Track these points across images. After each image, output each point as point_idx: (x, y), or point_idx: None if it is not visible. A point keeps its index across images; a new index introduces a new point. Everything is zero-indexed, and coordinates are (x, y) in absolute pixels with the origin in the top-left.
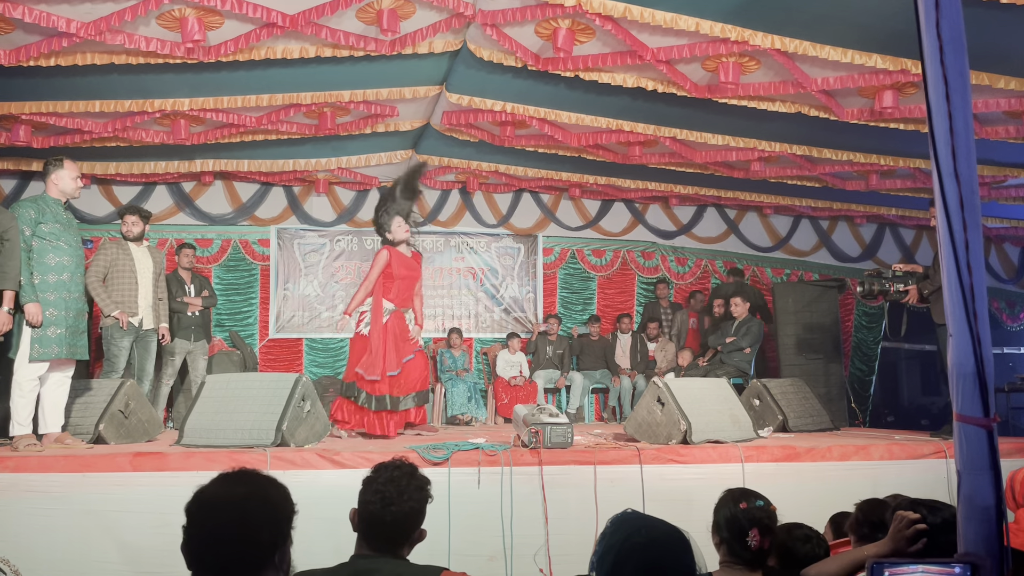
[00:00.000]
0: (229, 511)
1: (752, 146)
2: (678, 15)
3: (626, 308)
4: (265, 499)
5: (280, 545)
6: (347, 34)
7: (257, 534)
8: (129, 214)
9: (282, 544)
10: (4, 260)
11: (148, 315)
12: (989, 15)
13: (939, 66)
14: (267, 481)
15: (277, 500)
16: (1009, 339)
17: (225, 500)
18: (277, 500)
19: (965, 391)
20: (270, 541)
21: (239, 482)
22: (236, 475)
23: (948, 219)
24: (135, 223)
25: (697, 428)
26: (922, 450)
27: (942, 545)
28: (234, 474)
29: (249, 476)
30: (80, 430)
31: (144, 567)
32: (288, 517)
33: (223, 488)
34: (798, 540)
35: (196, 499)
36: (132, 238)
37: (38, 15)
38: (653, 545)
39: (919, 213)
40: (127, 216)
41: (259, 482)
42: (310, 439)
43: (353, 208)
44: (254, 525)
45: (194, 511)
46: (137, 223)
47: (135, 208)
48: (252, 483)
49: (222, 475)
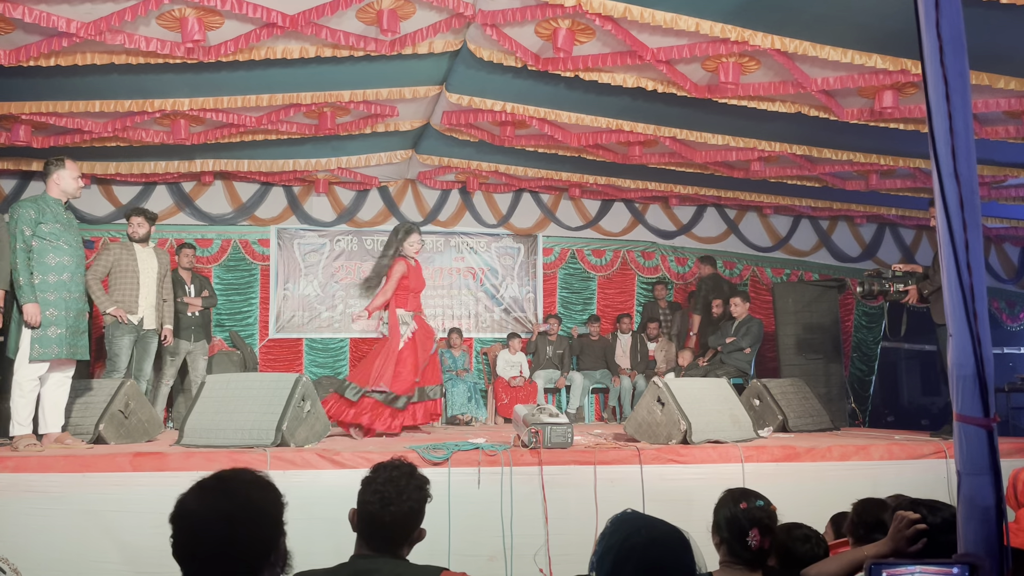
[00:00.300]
0: (216, 530)
1: (752, 146)
2: (678, 15)
3: (626, 308)
4: (252, 512)
5: (274, 547)
6: (347, 34)
7: (249, 549)
8: (135, 215)
9: (275, 545)
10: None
11: (150, 315)
12: (989, 15)
13: (939, 66)
14: (250, 486)
15: (264, 507)
16: (1009, 339)
17: (210, 518)
18: (264, 507)
19: (965, 391)
20: (263, 551)
21: (222, 496)
22: (217, 487)
23: (948, 219)
24: (140, 224)
25: (697, 428)
26: (922, 450)
27: (942, 545)
28: (214, 486)
29: (230, 488)
30: (80, 430)
31: (143, 567)
32: (278, 518)
33: (206, 505)
34: (797, 540)
35: (180, 515)
36: (138, 239)
37: (38, 15)
38: (653, 545)
39: (919, 213)
40: (133, 217)
41: (243, 494)
42: (310, 439)
43: (353, 208)
44: (245, 542)
45: (179, 529)
46: (143, 224)
47: (140, 210)
48: (235, 496)
49: (201, 487)
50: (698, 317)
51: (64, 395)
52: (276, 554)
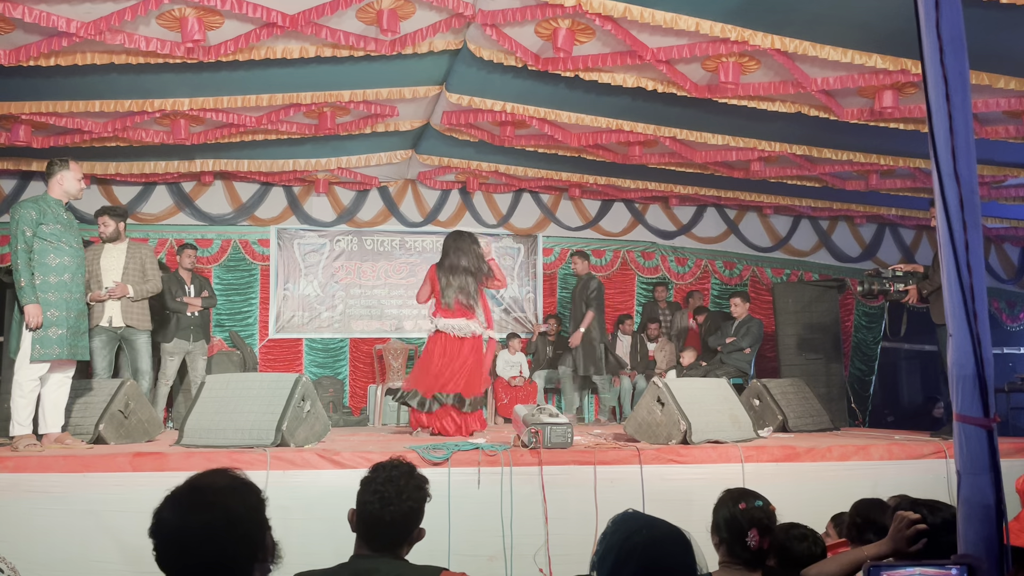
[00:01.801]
0: (200, 543)
1: (752, 146)
2: (678, 15)
3: (626, 308)
4: (233, 519)
5: (261, 547)
6: (347, 34)
7: (237, 555)
8: (99, 215)
9: (262, 545)
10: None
11: (117, 314)
12: (989, 15)
13: (939, 66)
14: (226, 494)
15: (244, 512)
16: (1009, 339)
17: (191, 532)
18: (244, 512)
19: (965, 391)
20: (249, 553)
21: (200, 508)
22: (193, 499)
23: (948, 219)
24: (105, 223)
25: (697, 428)
26: (922, 450)
27: (942, 545)
28: (190, 497)
29: (206, 499)
30: (80, 430)
31: (144, 567)
32: (260, 518)
33: (184, 519)
34: (794, 539)
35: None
36: (106, 239)
37: (38, 15)
38: (654, 545)
39: (919, 213)
40: (98, 217)
41: (220, 502)
42: (310, 439)
43: (353, 208)
44: (231, 550)
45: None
46: (107, 223)
47: (104, 208)
48: (213, 507)
49: (176, 500)
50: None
51: (64, 395)
52: (263, 552)
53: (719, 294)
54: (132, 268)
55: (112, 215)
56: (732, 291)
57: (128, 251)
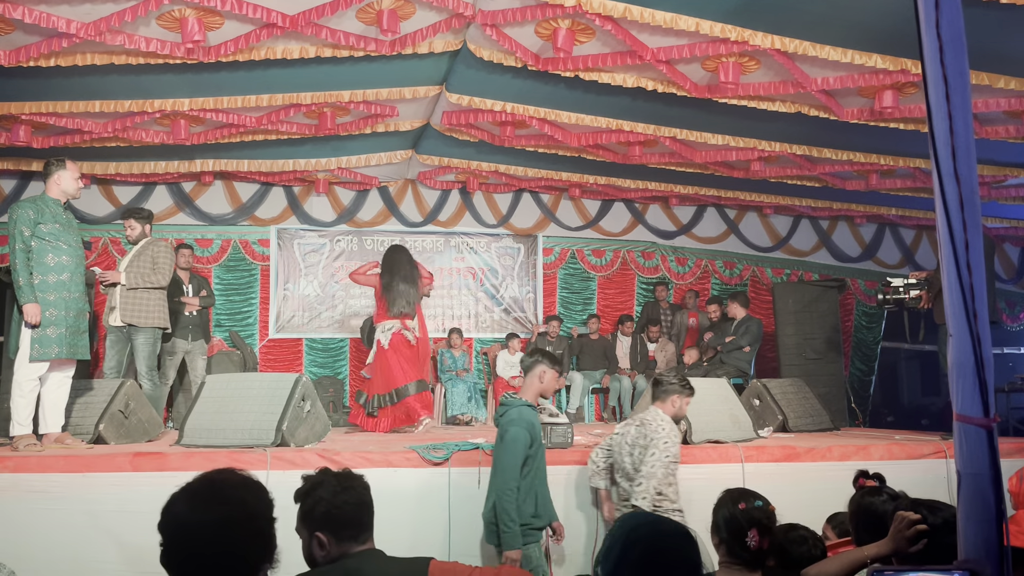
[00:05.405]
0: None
1: (752, 146)
2: (678, 15)
3: (626, 308)
4: (249, 514)
5: (273, 545)
6: (347, 34)
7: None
8: (124, 218)
9: (274, 543)
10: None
11: (118, 311)
12: (989, 15)
13: (939, 66)
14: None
15: (259, 508)
16: (1009, 339)
17: (207, 525)
18: (259, 508)
19: (965, 391)
20: (262, 551)
21: (216, 502)
22: (209, 493)
23: (948, 219)
24: (131, 227)
25: (697, 428)
26: (922, 450)
27: (943, 546)
28: (206, 492)
29: (223, 493)
30: (80, 430)
31: (144, 567)
32: (269, 518)
33: (200, 512)
34: (794, 542)
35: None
36: (131, 241)
37: (38, 15)
38: (659, 536)
39: (919, 213)
40: (125, 221)
41: (236, 497)
42: (310, 439)
43: (353, 208)
44: (245, 546)
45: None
46: (133, 226)
47: (129, 211)
48: (229, 501)
49: (192, 494)
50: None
51: (64, 395)
52: (273, 549)
53: (719, 294)
54: (141, 262)
55: (137, 218)
56: (732, 291)
57: (142, 247)
